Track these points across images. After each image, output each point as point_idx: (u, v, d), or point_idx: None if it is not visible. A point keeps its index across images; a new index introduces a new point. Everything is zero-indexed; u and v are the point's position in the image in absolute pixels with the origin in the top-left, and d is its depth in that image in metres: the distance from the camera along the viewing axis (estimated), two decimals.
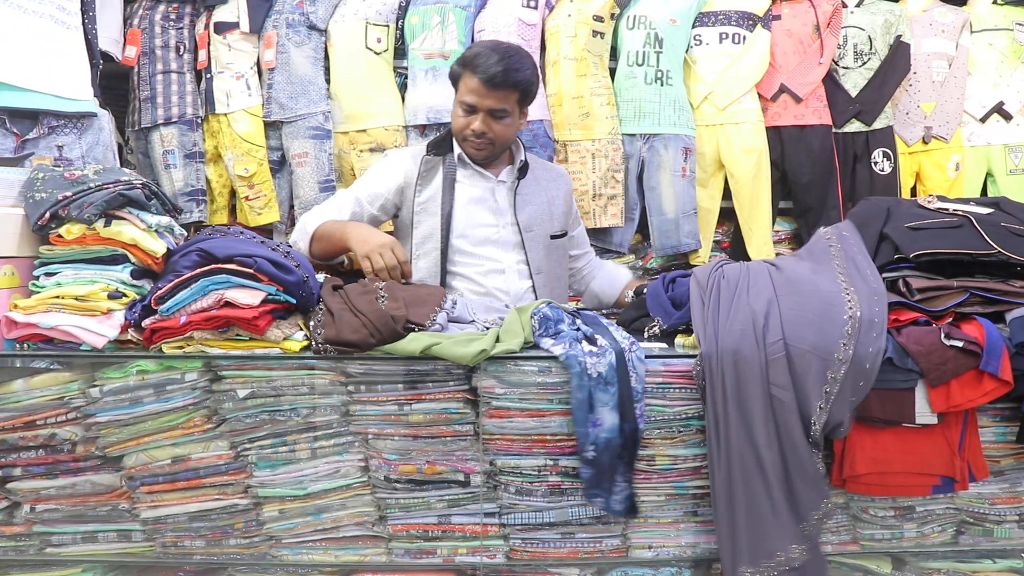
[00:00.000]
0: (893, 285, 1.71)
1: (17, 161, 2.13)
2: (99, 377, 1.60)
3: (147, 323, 1.58)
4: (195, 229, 2.58)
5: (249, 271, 1.60)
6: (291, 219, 2.93)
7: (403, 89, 2.89)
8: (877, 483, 1.62)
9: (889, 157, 2.91)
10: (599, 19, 2.83)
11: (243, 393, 1.60)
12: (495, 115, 2.04)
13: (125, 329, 1.60)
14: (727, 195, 2.96)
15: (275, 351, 1.59)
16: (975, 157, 2.97)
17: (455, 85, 2.08)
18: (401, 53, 2.91)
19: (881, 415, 1.57)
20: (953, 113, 2.95)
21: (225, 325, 1.57)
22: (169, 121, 2.80)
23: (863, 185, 2.91)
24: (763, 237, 2.91)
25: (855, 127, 2.92)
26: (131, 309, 1.60)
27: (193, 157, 2.83)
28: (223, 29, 2.81)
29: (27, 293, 1.64)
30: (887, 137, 2.92)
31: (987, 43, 2.97)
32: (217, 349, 1.58)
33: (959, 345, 1.53)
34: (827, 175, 2.90)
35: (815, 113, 2.88)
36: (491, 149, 2.09)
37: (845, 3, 2.95)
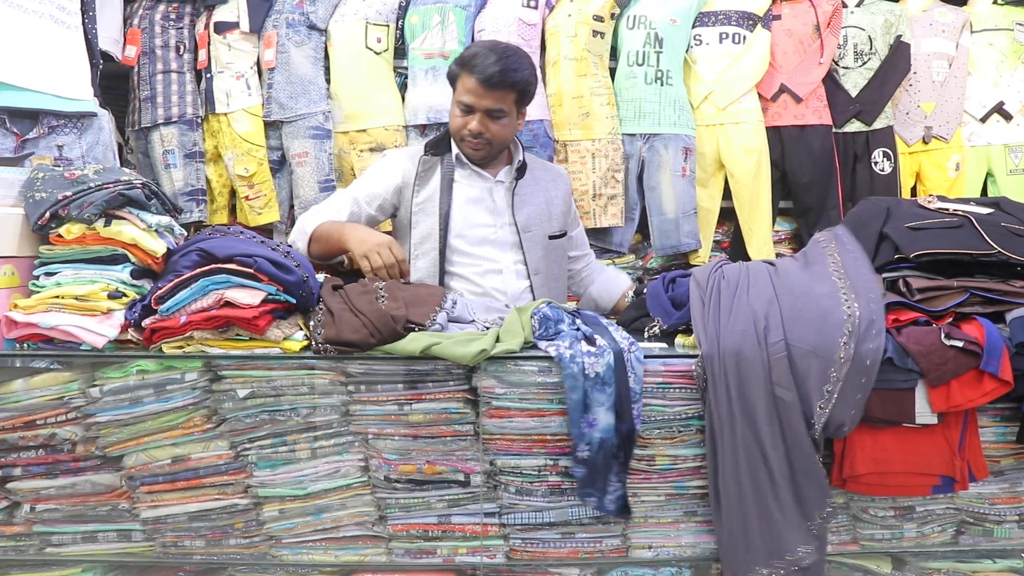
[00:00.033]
0: (893, 285, 1.71)
1: (17, 161, 2.13)
2: (99, 377, 1.60)
3: (147, 323, 1.58)
4: (195, 229, 2.58)
5: (249, 271, 1.60)
6: (291, 219, 2.92)
7: (403, 89, 2.89)
8: (877, 483, 1.62)
9: (889, 157, 2.91)
10: (599, 19, 2.82)
11: (243, 393, 1.60)
12: (492, 115, 2.03)
13: (125, 329, 1.60)
14: (727, 195, 2.96)
15: (275, 351, 1.59)
16: (975, 157, 2.96)
17: (453, 85, 2.08)
18: (401, 53, 2.90)
19: (881, 415, 1.57)
20: (953, 113, 2.94)
21: (225, 325, 1.57)
22: (169, 121, 2.80)
23: (863, 185, 2.91)
24: (763, 237, 2.90)
25: (855, 127, 2.92)
26: (131, 309, 1.60)
27: (193, 157, 2.83)
28: (223, 29, 2.81)
29: (27, 293, 1.64)
30: (887, 137, 2.92)
31: (987, 43, 2.97)
32: (217, 349, 1.58)
33: (959, 345, 1.53)
34: (827, 175, 2.90)
35: (815, 113, 2.88)
36: (488, 149, 2.09)
37: (845, 3, 2.95)
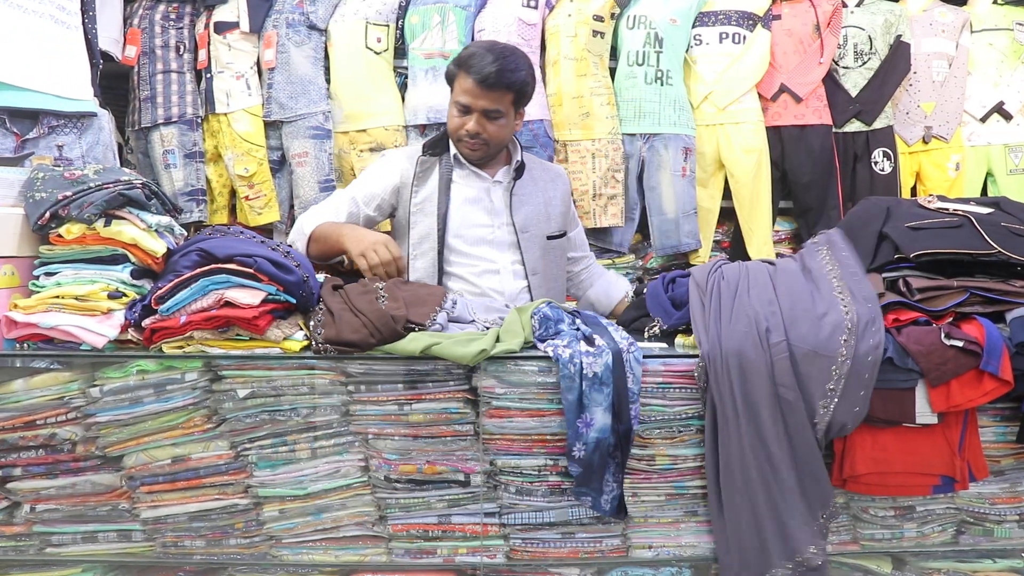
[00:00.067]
0: (893, 285, 1.71)
1: (17, 161, 2.13)
2: (99, 377, 1.60)
3: (147, 323, 1.58)
4: (195, 229, 2.58)
5: (249, 271, 1.60)
6: (291, 219, 2.93)
7: (403, 89, 2.89)
8: (877, 483, 1.62)
9: (889, 157, 2.91)
10: (599, 19, 2.83)
11: (243, 393, 1.60)
12: (489, 116, 2.03)
13: (125, 329, 1.60)
14: (727, 195, 2.96)
15: (275, 351, 1.59)
16: (975, 157, 2.96)
17: (450, 85, 2.08)
18: (401, 53, 2.91)
19: (881, 415, 1.57)
20: (953, 113, 2.94)
21: (225, 325, 1.57)
22: (169, 121, 2.80)
23: (863, 185, 2.91)
24: (763, 237, 2.90)
25: (855, 127, 2.92)
26: (131, 309, 1.60)
27: (193, 157, 2.83)
28: (223, 29, 2.81)
29: (27, 293, 1.64)
30: (887, 137, 2.92)
31: (987, 43, 2.97)
32: (217, 349, 1.58)
33: (959, 345, 1.53)
34: (827, 175, 2.90)
35: (815, 113, 2.88)
36: (485, 150, 2.09)
37: (845, 3, 2.95)
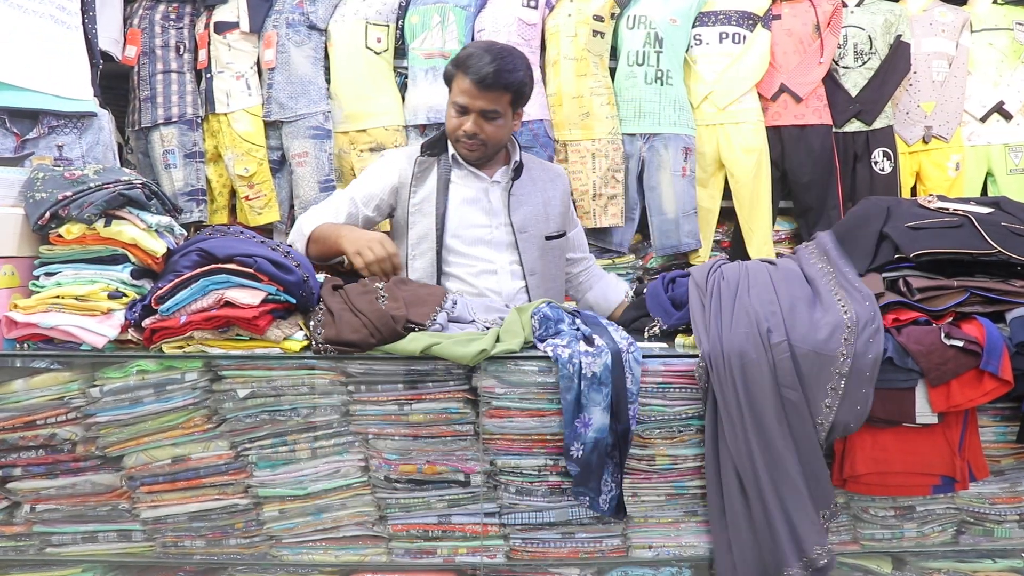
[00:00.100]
0: (893, 285, 1.71)
1: (17, 161, 2.13)
2: (99, 377, 1.60)
3: (147, 323, 1.58)
4: (195, 229, 2.58)
5: (249, 271, 1.60)
6: (291, 219, 2.92)
7: (403, 89, 2.89)
8: (877, 483, 1.62)
9: (889, 157, 2.91)
10: (599, 19, 2.82)
11: (243, 393, 1.60)
12: (487, 116, 2.03)
13: (125, 329, 1.60)
14: (727, 195, 2.96)
15: (275, 351, 1.59)
16: (975, 157, 2.96)
17: (449, 85, 2.08)
18: (401, 53, 2.91)
19: (881, 415, 1.57)
20: (953, 113, 2.94)
21: (225, 325, 1.57)
22: (169, 121, 2.80)
23: (863, 185, 2.91)
24: (763, 237, 2.90)
25: (855, 127, 2.92)
26: (131, 309, 1.60)
27: (193, 157, 2.83)
28: (223, 29, 2.81)
29: (27, 293, 1.64)
30: (887, 137, 2.92)
31: (987, 43, 2.97)
32: (217, 349, 1.58)
33: (959, 345, 1.53)
34: (827, 175, 2.90)
35: (815, 113, 2.88)
36: (483, 150, 2.09)
37: (845, 3, 2.95)
